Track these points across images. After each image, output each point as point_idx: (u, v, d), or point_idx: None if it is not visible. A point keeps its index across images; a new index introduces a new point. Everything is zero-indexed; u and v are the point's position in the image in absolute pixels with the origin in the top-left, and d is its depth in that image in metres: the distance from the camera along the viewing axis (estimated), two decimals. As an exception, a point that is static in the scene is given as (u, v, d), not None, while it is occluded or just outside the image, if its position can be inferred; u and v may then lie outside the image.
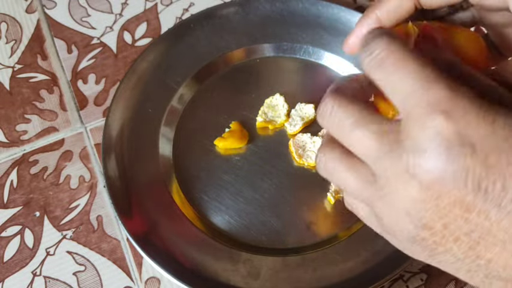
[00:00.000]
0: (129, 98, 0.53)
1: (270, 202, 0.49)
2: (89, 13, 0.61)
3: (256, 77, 0.56)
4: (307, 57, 0.56)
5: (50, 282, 0.47)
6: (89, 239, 0.49)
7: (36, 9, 0.61)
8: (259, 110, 0.53)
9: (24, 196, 0.51)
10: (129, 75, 0.54)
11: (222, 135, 0.51)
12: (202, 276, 0.45)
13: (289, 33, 0.57)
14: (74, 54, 0.58)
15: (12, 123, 0.54)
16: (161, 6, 0.61)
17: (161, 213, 0.48)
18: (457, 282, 0.47)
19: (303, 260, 0.46)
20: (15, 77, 0.57)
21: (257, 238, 0.47)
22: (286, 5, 0.58)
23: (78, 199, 0.50)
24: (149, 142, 0.51)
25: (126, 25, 0.60)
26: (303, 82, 0.56)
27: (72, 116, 0.55)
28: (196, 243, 0.46)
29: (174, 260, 0.45)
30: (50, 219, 0.50)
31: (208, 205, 0.49)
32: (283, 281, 0.45)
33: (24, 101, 0.56)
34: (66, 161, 0.52)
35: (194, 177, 0.50)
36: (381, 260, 0.45)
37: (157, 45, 0.56)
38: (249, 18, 0.58)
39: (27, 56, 0.58)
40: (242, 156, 0.51)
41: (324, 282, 0.44)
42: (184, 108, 0.54)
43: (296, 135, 0.51)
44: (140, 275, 0.47)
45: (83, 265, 0.48)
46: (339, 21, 0.57)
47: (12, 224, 0.49)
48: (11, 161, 0.52)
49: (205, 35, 0.57)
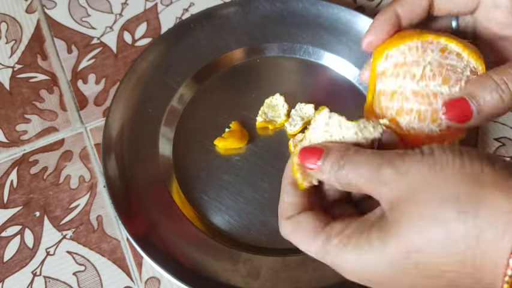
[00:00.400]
0: (129, 98, 0.53)
1: (270, 202, 0.49)
2: (89, 13, 0.61)
3: (256, 77, 0.56)
4: (307, 57, 0.56)
5: (50, 282, 0.47)
6: (89, 239, 0.49)
7: (36, 9, 0.61)
8: (259, 110, 0.53)
9: (24, 196, 0.51)
10: (129, 75, 0.54)
11: (222, 135, 0.51)
12: (202, 276, 0.45)
13: (289, 33, 0.57)
14: (74, 54, 0.58)
15: (12, 123, 0.54)
16: (161, 6, 0.61)
17: (161, 213, 0.48)
18: (457, 282, 0.47)
19: (303, 260, 0.46)
20: (15, 77, 0.57)
21: (257, 238, 0.47)
22: (286, 5, 0.58)
23: (78, 199, 0.50)
24: (149, 142, 0.51)
25: (126, 25, 0.60)
26: (303, 82, 0.56)
27: (72, 116, 0.55)
28: (196, 243, 0.46)
29: (174, 260, 0.45)
30: (50, 219, 0.50)
31: (208, 205, 0.49)
32: (283, 281, 0.45)
33: (24, 101, 0.56)
34: (66, 161, 0.52)
35: (194, 177, 0.50)
36: (380, 260, 0.45)
37: (157, 45, 0.56)
38: (249, 18, 0.58)
39: (27, 56, 0.58)
40: (242, 156, 0.51)
41: (324, 282, 0.44)
42: (184, 108, 0.54)
43: (296, 135, 0.51)
44: (140, 275, 0.47)
45: (83, 265, 0.48)
46: (339, 21, 0.57)
47: (12, 224, 0.49)
48: (11, 161, 0.52)
49: (205, 35, 0.57)
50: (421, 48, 0.34)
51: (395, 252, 0.27)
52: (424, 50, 0.34)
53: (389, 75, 0.34)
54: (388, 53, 0.35)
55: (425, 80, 0.33)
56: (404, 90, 0.33)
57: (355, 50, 0.55)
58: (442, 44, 0.34)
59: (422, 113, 0.33)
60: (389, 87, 0.34)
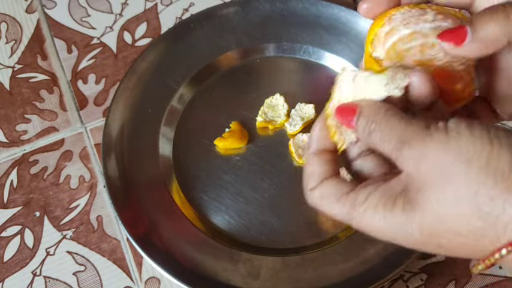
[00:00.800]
0: (129, 98, 0.53)
1: (270, 202, 0.49)
2: (89, 13, 0.61)
3: (256, 77, 0.56)
4: (307, 57, 0.56)
5: (50, 282, 0.47)
6: (89, 239, 0.49)
7: (36, 9, 0.61)
8: (259, 110, 0.53)
9: (24, 196, 0.51)
10: (129, 75, 0.54)
11: (222, 135, 0.51)
12: (202, 276, 0.45)
13: (289, 33, 0.57)
14: (74, 54, 0.58)
15: (12, 123, 0.54)
16: (161, 6, 0.61)
17: (161, 213, 0.48)
18: (457, 282, 0.47)
19: (303, 260, 0.46)
20: (15, 77, 0.57)
21: (257, 238, 0.47)
22: (286, 5, 0.58)
23: (78, 199, 0.50)
24: (149, 142, 0.51)
25: (126, 25, 0.60)
26: (303, 82, 0.56)
27: (72, 116, 0.55)
28: (196, 243, 0.46)
29: (174, 260, 0.45)
30: (50, 219, 0.50)
31: (208, 205, 0.49)
32: (283, 281, 0.45)
33: (24, 101, 0.56)
34: (66, 161, 0.52)
35: (194, 177, 0.50)
36: (380, 260, 0.45)
37: (157, 45, 0.56)
38: (249, 18, 0.58)
39: (27, 56, 0.58)
40: (242, 156, 0.51)
41: (324, 282, 0.44)
42: (184, 108, 0.54)
43: (296, 135, 0.51)
44: (140, 275, 0.47)
45: (83, 265, 0.48)
46: (339, 21, 0.57)
47: (12, 224, 0.49)
48: (11, 161, 0.52)
49: (205, 35, 0.57)
50: (421, 10, 0.35)
51: (420, 224, 0.28)
52: (424, 10, 0.35)
53: (401, 26, 0.35)
54: (390, 16, 0.36)
55: (439, 22, 0.34)
56: (422, 29, 0.34)
57: (355, 50, 0.55)
58: (438, 8, 0.35)
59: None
60: (404, 33, 0.35)
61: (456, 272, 0.47)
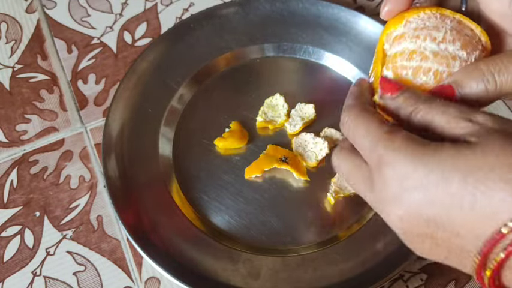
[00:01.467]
0: (129, 98, 0.53)
1: (270, 202, 0.49)
2: (89, 13, 0.61)
3: (256, 77, 0.56)
4: (307, 57, 0.56)
5: (50, 282, 0.47)
6: (89, 239, 0.49)
7: (36, 9, 0.61)
8: (259, 110, 0.53)
9: (24, 196, 0.51)
10: (129, 75, 0.54)
11: (222, 135, 0.51)
12: (202, 276, 0.45)
13: (289, 33, 0.57)
14: (74, 54, 0.58)
15: (12, 123, 0.54)
16: (161, 6, 0.61)
17: (161, 213, 0.48)
18: (457, 282, 0.47)
19: (303, 260, 0.46)
20: (15, 77, 0.57)
21: (257, 238, 0.47)
22: (286, 5, 0.58)
23: (78, 199, 0.50)
24: (149, 142, 0.51)
25: (126, 25, 0.60)
26: (303, 82, 0.56)
27: (72, 116, 0.55)
28: (196, 243, 0.46)
29: (174, 260, 0.45)
30: (50, 219, 0.50)
31: (208, 205, 0.49)
32: (283, 281, 0.45)
33: (24, 101, 0.56)
34: (66, 161, 0.52)
35: (194, 177, 0.50)
36: (380, 260, 0.45)
37: (157, 45, 0.56)
38: (249, 18, 0.58)
39: (27, 56, 0.58)
40: (242, 156, 0.51)
41: (324, 282, 0.44)
42: (184, 108, 0.54)
43: (298, 135, 0.51)
44: (140, 275, 0.47)
45: (83, 265, 0.48)
46: (339, 21, 0.57)
47: (12, 224, 0.49)
48: (11, 161, 0.52)
49: (205, 35, 0.57)
50: (440, 18, 0.35)
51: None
52: (443, 20, 0.35)
53: (408, 37, 0.35)
54: (408, 19, 0.36)
55: (445, 43, 0.34)
56: (425, 50, 0.35)
57: (355, 50, 0.55)
58: (457, 18, 0.35)
59: (439, 74, 0.34)
60: (408, 47, 0.35)
61: (456, 272, 0.47)
